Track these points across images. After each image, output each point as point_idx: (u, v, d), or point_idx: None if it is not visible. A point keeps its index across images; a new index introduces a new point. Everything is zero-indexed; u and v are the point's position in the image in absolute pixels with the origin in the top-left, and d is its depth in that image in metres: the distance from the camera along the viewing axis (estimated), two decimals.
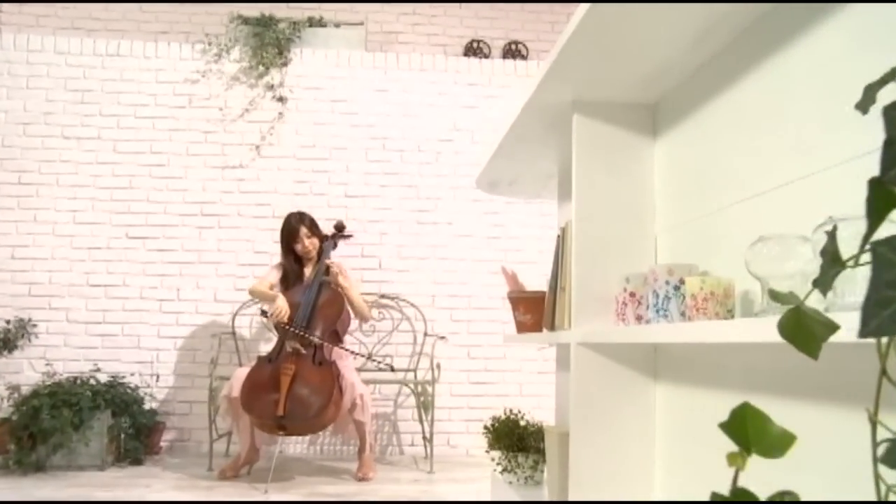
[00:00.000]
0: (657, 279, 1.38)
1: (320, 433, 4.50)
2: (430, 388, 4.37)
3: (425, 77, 5.16)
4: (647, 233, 1.72)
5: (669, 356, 1.66)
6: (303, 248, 4.14)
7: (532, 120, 1.91)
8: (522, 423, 2.53)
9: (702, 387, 1.53)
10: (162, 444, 4.64)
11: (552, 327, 1.93)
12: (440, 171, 5.08)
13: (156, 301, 4.83)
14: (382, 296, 4.91)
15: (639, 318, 1.55)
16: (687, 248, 1.61)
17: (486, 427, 2.54)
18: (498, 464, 2.45)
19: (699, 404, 1.54)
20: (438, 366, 4.43)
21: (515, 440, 2.43)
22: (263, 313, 3.98)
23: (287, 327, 3.86)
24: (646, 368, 1.68)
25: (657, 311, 1.38)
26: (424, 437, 4.66)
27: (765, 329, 0.88)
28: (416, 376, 4.83)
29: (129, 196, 4.88)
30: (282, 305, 3.91)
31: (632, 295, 1.55)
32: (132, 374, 4.65)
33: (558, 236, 1.93)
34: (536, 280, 2.80)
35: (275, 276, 4.21)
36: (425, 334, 4.85)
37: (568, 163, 2.30)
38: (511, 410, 2.59)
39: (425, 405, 4.42)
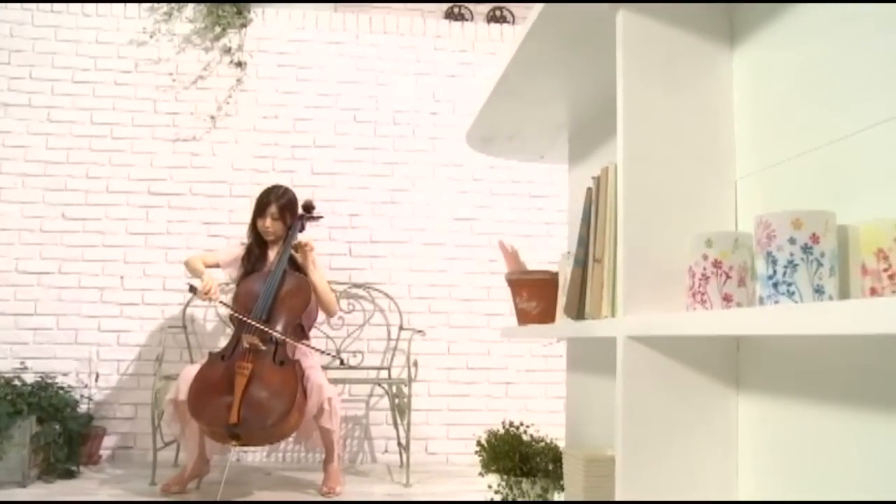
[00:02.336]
0: (774, 236, 0.88)
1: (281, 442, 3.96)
2: (406, 389, 3.85)
3: (402, 42, 4.63)
4: (724, 177, 1.22)
5: (762, 355, 1.16)
6: (263, 225, 3.64)
7: (551, 31, 1.40)
8: (526, 437, 2.02)
9: (820, 400, 1.03)
10: (102, 452, 4.09)
11: (578, 315, 1.43)
12: (418, 146, 4.57)
13: (96, 290, 4.27)
14: (353, 285, 4.39)
15: (727, 299, 1.04)
16: (788, 197, 1.12)
17: (479, 444, 2.04)
18: (496, 492, 1.94)
19: (810, 425, 1.04)
20: (415, 363, 3.92)
21: (518, 461, 1.93)
22: (192, 289, 3.43)
23: (236, 315, 3.35)
24: (723, 372, 1.18)
25: (774, 287, 0.88)
26: (400, 444, 4.16)
27: None
28: (390, 375, 4.33)
29: (65, 171, 4.31)
30: (209, 281, 3.40)
31: (717, 264, 1.05)
32: (66, 374, 4.08)
33: (589, 190, 1.43)
34: (533, 268, 2.33)
35: (226, 254, 3.69)
36: (400, 328, 4.34)
37: (590, 103, 1.80)
38: (511, 423, 2.08)
39: (401, 408, 3.91)
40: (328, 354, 3.70)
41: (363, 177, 4.51)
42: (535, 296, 2.00)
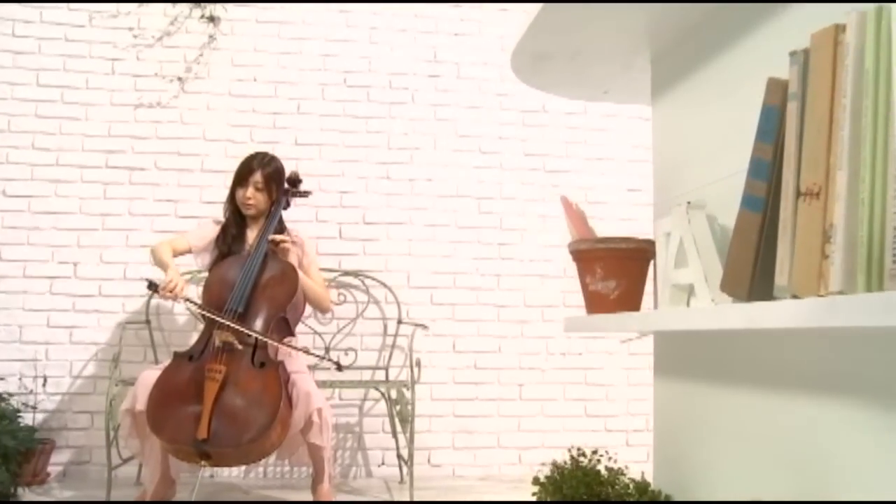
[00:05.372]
0: None
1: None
2: (408, 393, 3.29)
3: None
4: None
5: None
6: (243, 196, 3.08)
7: None
8: (602, 470, 1.46)
9: None
10: (50, 469, 3.48)
11: (754, 292, 0.87)
12: (417, 114, 3.99)
13: (45, 280, 3.66)
14: (343, 272, 3.81)
15: None
16: None
17: (538, 483, 1.47)
18: None
19: None
20: (418, 363, 3.35)
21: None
22: (151, 285, 2.81)
23: (207, 312, 2.77)
24: None
25: None
26: (399, 456, 3.62)
27: None
28: (387, 376, 3.76)
29: (6, 141, 3.69)
30: (173, 278, 2.79)
31: None
32: (4, 378, 3.47)
33: (777, 84, 0.87)
34: (550, 253, 1.77)
35: (199, 237, 3.11)
36: (399, 322, 3.77)
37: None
38: (580, 450, 1.51)
39: (402, 414, 3.34)
40: (322, 357, 3.08)
41: (355, 148, 3.92)
42: (615, 272, 1.45)
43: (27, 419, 3.40)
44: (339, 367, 2.76)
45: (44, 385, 3.57)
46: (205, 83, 3.87)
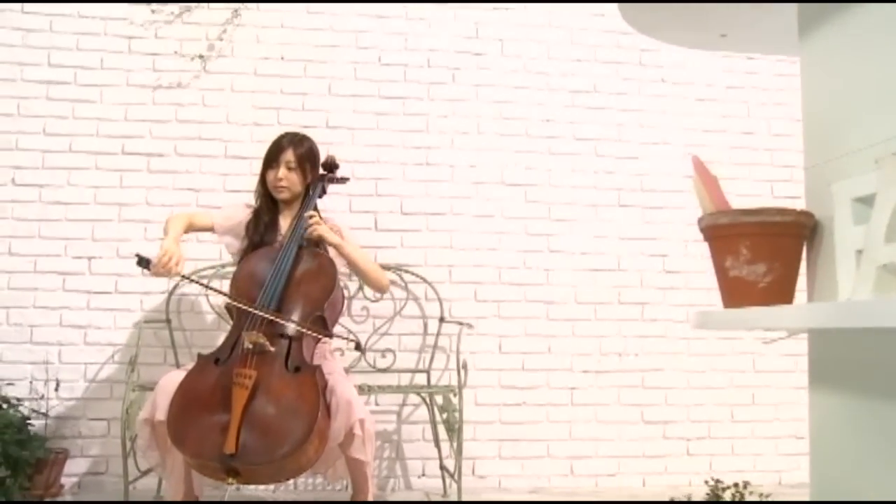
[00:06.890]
0: None
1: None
2: (455, 399, 2.98)
3: None
4: None
5: None
6: (274, 178, 2.81)
7: None
8: None
9: None
10: (64, 481, 3.21)
11: None
12: (458, 95, 3.68)
13: (57, 275, 3.39)
14: (380, 267, 3.50)
15: None
16: None
17: None
18: None
19: None
20: (464, 365, 3.05)
21: None
22: (142, 261, 2.42)
23: (233, 303, 2.48)
24: None
25: None
26: (443, 467, 3.31)
27: None
28: (429, 380, 3.45)
29: (16, 126, 3.42)
30: (168, 249, 2.47)
31: None
32: (13, 383, 3.19)
33: None
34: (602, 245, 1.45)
35: (225, 216, 2.86)
36: (441, 320, 3.47)
37: None
38: (719, 482, 1.19)
39: (448, 422, 3.03)
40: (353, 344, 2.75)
41: (391, 132, 3.62)
42: (766, 254, 1.13)
43: (38, 427, 3.14)
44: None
45: (56, 389, 3.29)
46: (228, 62, 3.58)
